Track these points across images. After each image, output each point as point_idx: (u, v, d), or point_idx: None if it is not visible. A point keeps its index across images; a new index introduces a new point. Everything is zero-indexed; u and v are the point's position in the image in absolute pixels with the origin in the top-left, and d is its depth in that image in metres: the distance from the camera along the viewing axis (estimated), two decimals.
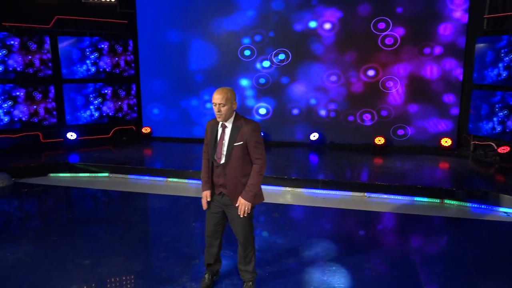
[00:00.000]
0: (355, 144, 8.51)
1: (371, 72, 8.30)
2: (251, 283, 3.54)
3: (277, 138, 8.91)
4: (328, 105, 8.60)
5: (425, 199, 5.90)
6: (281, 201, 5.98)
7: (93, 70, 8.79)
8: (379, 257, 4.23)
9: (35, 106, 8.34)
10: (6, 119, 8.11)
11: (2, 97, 8.01)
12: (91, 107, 8.91)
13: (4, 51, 7.89)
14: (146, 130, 9.39)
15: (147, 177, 6.97)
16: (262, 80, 8.79)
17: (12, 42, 7.94)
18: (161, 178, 6.92)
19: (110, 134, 9.24)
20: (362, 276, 3.84)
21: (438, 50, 8.01)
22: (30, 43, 8.12)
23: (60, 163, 7.34)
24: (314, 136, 8.57)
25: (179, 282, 3.71)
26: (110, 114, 9.15)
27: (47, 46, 8.31)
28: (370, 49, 8.22)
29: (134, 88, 9.38)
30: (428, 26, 7.98)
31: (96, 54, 8.78)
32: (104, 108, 9.06)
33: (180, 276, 3.81)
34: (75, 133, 8.70)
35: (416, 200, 5.92)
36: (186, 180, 6.81)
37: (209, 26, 8.79)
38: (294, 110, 8.80)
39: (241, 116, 3.30)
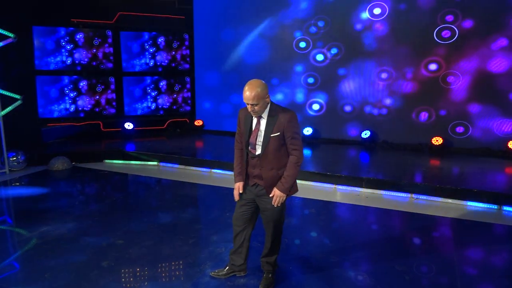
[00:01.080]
0: (410, 143, 8.01)
1: (432, 66, 7.73)
2: (270, 274, 3.46)
3: (328, 135, 8.66)
4: (382, 101, 8.19)
5: (481, 204, 5.39)
6: (323, 198, 5.80)
7: (151, 63, 9.19)
8: (424, 264, 3.92)
9: (97, 97, 8.91)
10: (72, 108, 8.75)
11: (68, 88, 8.65)
12: (148, 98, 9.32)
13: (72, 45, 8.51)
14: (198, 123, 9.62)
15: (192, 167, 7.14)
16: (313, 76, 8.59)
17: (78, 37, 8.54)
18: (205, 169, 7.06)
19: (165, 125, 9.61)
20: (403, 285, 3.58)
21: (507, 43, 7.26)
22: (95, 38, 8.67)
23: (114, 151, 7.76)
24: (365, 134, 8.22)
25: (201, 268, 3.74)
26: (165, 106, 9.51)
27: (110, 40, 8.83)
28: (430, 42, 7.68)
29: (189, 82, 9.66)
30: (498, 18, 7.27)
31: (154, 49, 9.17)
32: (160, 101, 9.44)
33: (203, 262, 3.84)
34: (132, 123, 9.16)
35: (470, 205, 5.43)
36: (229, 172, 6.88)
37: (264, 20, 8.77)
38: (346, 107, 8.50)
39: (277, 105, 3.18)
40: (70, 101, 8.70)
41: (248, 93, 3.00)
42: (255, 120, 3.17)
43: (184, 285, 3.45)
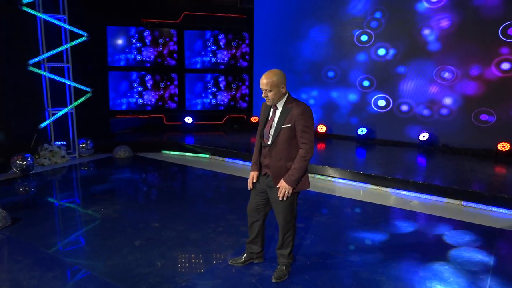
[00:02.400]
0: (473, 148, 7.44)
1: (505, 66, 7.09)
2: (284, 267, 3.52)
3: (384, 136, 8.36)
4: (442, 102, 7.71)
5: None
6: (362, 198, 5.67)
7: (212, 61, 9.60)
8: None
9: (161, 92, 9.52)
10: (140, 101, 9.45)
11: (136, 83, 9.36)
12: (208, 94, 9.75)
13: (140, 44, 9.20)
14: (254, 119, 9.83)
15: (240, 161, 7.36)
16: (370, 74, 8.34)
17: (146, 35, 9.20)
18: (239, 161, 7.28)
19: (223, 121, 9.96)
20: None
21: None
22: (162, 37, 9.28)
23: (172, 142, 8.26)
24: (424, 137, 7.80)
25: (223, 254, 3.91)
26: (224, 102, 9.86)
27: (175, 39, 9.39)
28: (498, 40, 7.06)
29: (247, 79, 9.91)
30: None
31: (215, 47, 9.55)
32: (219, 97, 9.81)
33: (225, 249, 4.01)
34: (192, 117, 9.65)
35: None
36: None
37: (322, 17, 8.71)
38: (403, 106, 8.13)
39: (294, 98, 3.27)
40: (137, 95, 9.41)
41: (264, 79, 3.12)
42: (271, 112, 3.25)
43: (200, 269, 3.64)
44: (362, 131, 8.38)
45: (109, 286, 3.34)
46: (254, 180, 3.40)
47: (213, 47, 9.57)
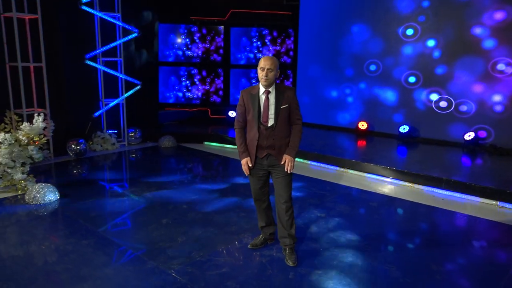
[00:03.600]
0: None
1: None
2: (293, 248, 3.65)
3: (427, 134, 8.11)
4: (492, 100, 7.32)
5: None
6: (393, 194, 5.62)
7: (257, 57, 9.83)
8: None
9: (207, 87, 9.92)
10: (187, 95, 9.93)
11: (184, 78, 9.84)
12: None
13: (189, 40, 9.66)
14: None
15: None
16: (415, 71, 8.11)
17: (194, 32, 9.64)
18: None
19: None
20: None
21: None
22: (210, 33, 9.68)
23: (213, 134, 8.62)
24: (469, 136, 7.47)
25: (241, 236, 4.12)
26: None
27: (222, 36, 9.74)
28: None
29: (291, 75, 10.03)
30: None
31: (260, 43, 9.78)
32: None
33: (244, 232, 4.21)
34: (235, 112, 9.94)
35: None
36: (308, 162, 7.09)
37: (367, 14, 8.62)
38: (449, 104, 7.82)
39: (280, 82, 3.51)
40: (184, 89, 9.89)
41: (268, 60, 3.37)
42: (263, 97, 3.42)
43: (217, 247, 3.88)
44: (404, 128, 8.19)
45: (126, 252, 3.68)
46: (250, 165, 3.57)
47: (258, 44, 9.81)
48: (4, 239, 4.00)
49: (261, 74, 3.38)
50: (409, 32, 8.12)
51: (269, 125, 3.45)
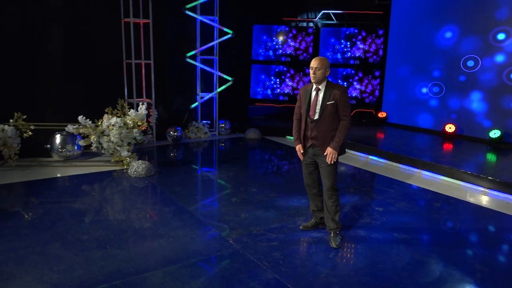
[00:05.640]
0: None
1: None
2: (338, 232, 4.02)
3: None
4: None
5: None
6: (462, 198, 5.54)
7: (345, 56, 10.05)
8: None
9: (295, 84, 10.44)
10: (276, 92, 10.58)
11: (274, 75, 10.49)
12: None
13: (279, 40, 10.27)
14: (382, 114, 9.93)
15: (363, 154, 7.64)
16: None
17: (285, 32, 10.21)
18: (362, 154, 7.58)
19: (351, 114, 10.31)
20: None
21: None
22: (301, 34, 10.17)
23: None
24: None
25: (296, 218, 4.59)
26: (354, 96, 10.22)
27: (311, 36, 10.16)
28: None
29: (379, 75, 10.04)
30: None
31: (349, 43, 9.98)
32: (350, 90, 10.21)
33: (300, 216, 4.68)
34: None
35: None
36: (383, 160, 7.21)
37: (460, 16, 8.30)
38: None
39: (332, 82, 3.91)
40: (274, 86, 10.54)
41: (316, 60, 3.81)
42: (313, 94, 3.82)
43: (272, 225, 4.41)
44: (494, 133, 7.76)
45: (196, 220, 4.41)
46: (301, 151, 4.03)
47: (347, 43, 10.02)
48: (111, 204, 5.05)
49: (310, 72, 3.83)
50: (500, 36, 7.66)
51: (314, 119, 3.87)
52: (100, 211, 4.71)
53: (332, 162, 3.84)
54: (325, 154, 3.85)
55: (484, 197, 5.57)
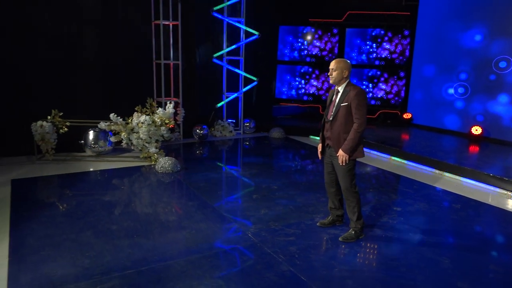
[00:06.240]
0: None
1: None
2: (353, 232, 4.14)
3: None
4: None
5: None
6: (484, 200, 5.53)
7: (370, 57, 10.06)
8: None
9: (320, 85, 10.52)
10: (300, 92, 10.70)
11: (299, 76, 10.61)
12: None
13: (305, 41, 10.38)
14: (407, 116, 9.88)
15: (385, 155, 7.71)
16: None
17: (311, 33, 10.32)
18: (385, 155, 7.60)
19: (376, 115, 10.33)
20: None
21: None
22: (327, 34, 10.25)
23: (317, 129, 9.15)
24: None
25: (314, 216, 4.73)
26: (379, 97, 10.21)
27: (337, 37, 10.22)
28: None
29: (404, 76, 9.99)
30: None
31: (374, 43, 9.98)
32: (375, 92, 10.21)
33: (318, 213, 4.81)
34: None
35: None
36: (405, 161, 7.22)
37: (489, 17, 8.17)
38: None
39: (353, 84, 3.94)
40: (299, 87, 10.67)
41: (334, 61, 3.92)
42: (334, 95, 3.95)
43: (291, 221, 4.57)
44: None
45: (218, 215, 4.62)
46: (320, 150, 4.18)
47: (372, 44, 10.02)
48: (139, 197, 5.34)
49: (329, 74, 3.96)
50: None
51: (329, 119, 4.00)
52: (128, 204, 5.00)
53: (343, 164, 3.93)
54: (337, 155, 3.96)
55: (508, 201, 5.54)
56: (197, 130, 8.53)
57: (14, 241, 3.90)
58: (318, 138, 9.02)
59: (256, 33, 8.93)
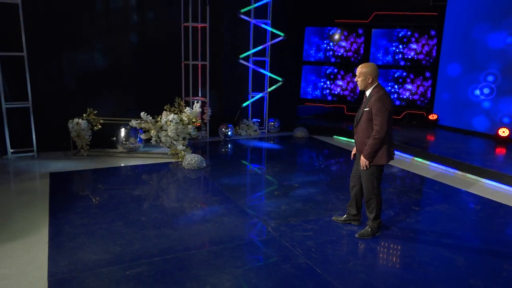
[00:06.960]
0: None
1: None
2: (370, 229, 4.28)
3: None
4: None
5: None
6: (507, 202, 5.53)
7: (396, 57, 10.05)
8: None
9: (344, 85, 10.59)
10: (325, 92, 10.80)
11: (324, 76, 10.71)
12: (389, 90, 10.27)
13: (331, 41, 10.47)
14: (432, 117, 9.81)
15: (408, 156, 7.71)
16: None
17: (337, 34, 10.40)
18: (408, 156, 7.63)
19: (401, 116, 10.30)
20: None
21: None
22: (352, 35, 10.31)
23: (342, 129, 9.31)
24: None
25: (333, 213, 4.88)
26: (404, 98, 10.18)
27: (362, 37, 10.25)
28: None
29: (430, 77, 9.92)
30: None
31: (401, 44, 9.95)
32: (400, 92, 10.19)
33: (336, 210, 4.97)
34: None
35: None
36: (428, 162, 7.24)
37: None
38: None
39: (379, 89, 3.98)
40: (324, 87, 10.77)
41: (359, 67, 4.02)
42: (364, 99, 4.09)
43: (309, 217, 4.74)
44: None
45: (240, 210, 4.84)
46: (354, 152, 4.34)
47: (398, 45, 10.00)
48: (167, 192, 5.65)
49: (355, 78, 4.09)
50: None
51: (355, 124, 4.14)
52: (156, 198, 5.31)
53: (364, 169, 4.06)
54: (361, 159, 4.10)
55: None
56: (223, 129, 8.80)
57: (53, 229, 4.26)
58: (341, 138, 9.21)
59: (282, 34, 9.11)
